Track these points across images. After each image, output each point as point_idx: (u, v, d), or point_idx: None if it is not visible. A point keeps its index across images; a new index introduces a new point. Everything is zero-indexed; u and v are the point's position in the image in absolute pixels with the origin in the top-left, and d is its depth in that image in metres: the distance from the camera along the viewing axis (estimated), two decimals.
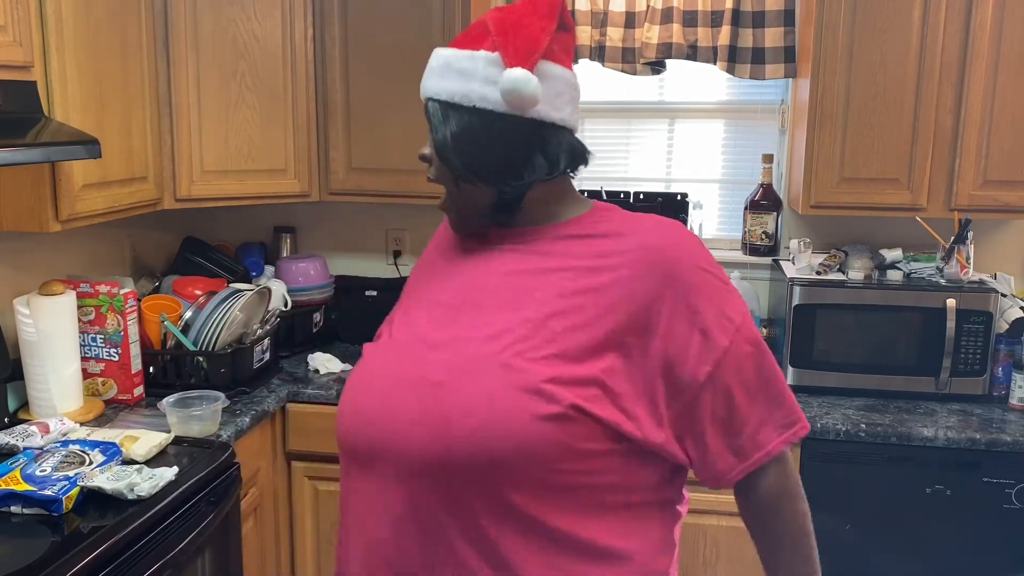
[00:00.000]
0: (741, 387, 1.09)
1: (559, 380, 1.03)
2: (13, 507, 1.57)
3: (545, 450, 1.02)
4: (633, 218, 1.16)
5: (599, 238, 1.13)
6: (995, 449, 2.15)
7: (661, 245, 1.10)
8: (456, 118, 1.12)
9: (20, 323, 1.98)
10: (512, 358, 1.04)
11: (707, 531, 2.31)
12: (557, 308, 1.07)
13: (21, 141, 1.61)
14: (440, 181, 1.17)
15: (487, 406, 1.02)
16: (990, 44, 2.25)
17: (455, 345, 1.09)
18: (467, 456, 1.03)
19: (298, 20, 2.47)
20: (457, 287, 1.17)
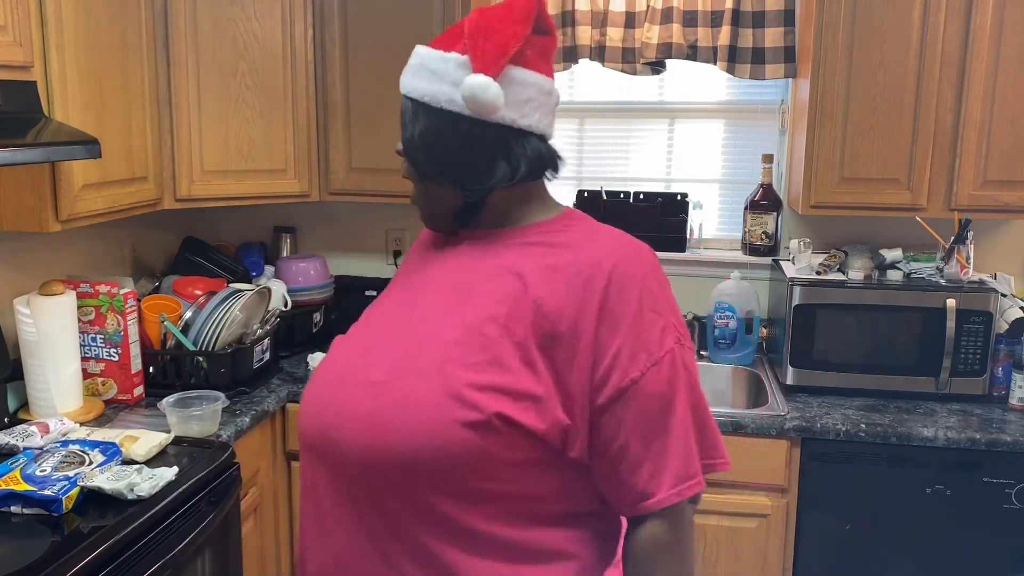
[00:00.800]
0: (639, 426, 1.05)
1: (487, 387, 1.03)
2: (13, 507, 1.57)
3: (466, 456, 1.02)
4: (592, 231, 1.16)
5: (555, 248, 1.12)
6: (995, 449, 2.15)
7: (607, 265, 1.07)
8: (424, 118, 1.13)
9: (20, 323, 1.98)
10: (445, 363, 1.05)
11: (707, 531, 2.31)
12: (495, 313, 1.07)
13: (21, 141, 1.61)
14: (410, 178, 1.19)
15: (414, 408, 1.03)
16: (990, 44, 2.25)
17: (400, 344, 1.11)
18: (391, 456, 1.04)
19: (298, 20, 2.47)
20: (415, 285, 1.20)
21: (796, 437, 2.24)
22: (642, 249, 1.13)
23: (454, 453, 1.02)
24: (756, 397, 2.57)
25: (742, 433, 2.25)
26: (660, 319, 1.07)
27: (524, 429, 1.03)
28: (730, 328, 2.65)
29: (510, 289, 1.09)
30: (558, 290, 1.07)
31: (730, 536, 2.31)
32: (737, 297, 2.64)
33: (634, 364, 1.04)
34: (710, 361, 2.71)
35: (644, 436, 1.05)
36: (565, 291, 1.06)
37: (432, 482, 1.04)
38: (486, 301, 1.09)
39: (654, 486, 1.06)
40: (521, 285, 1.08)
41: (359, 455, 1.07)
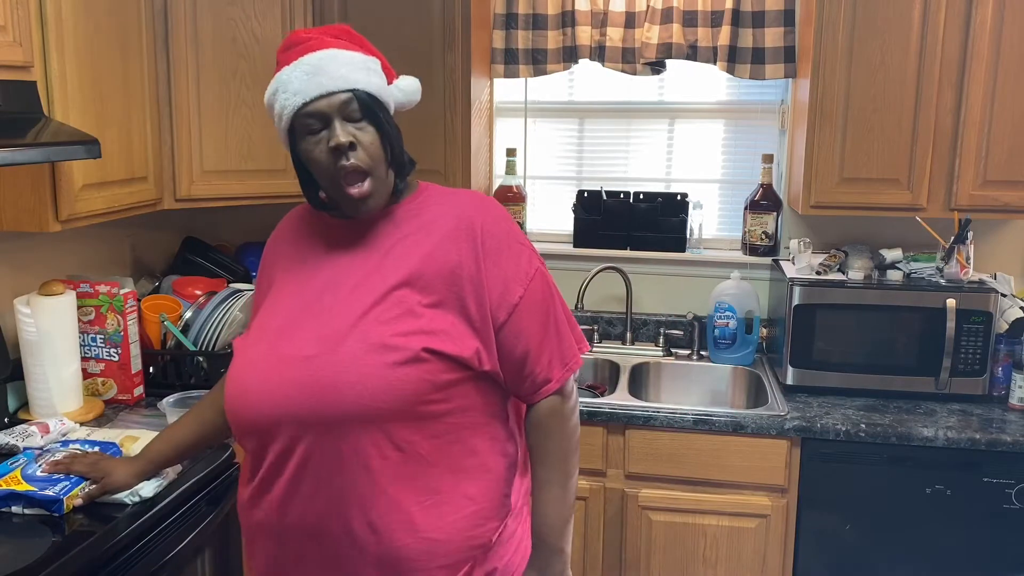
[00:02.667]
0: (533, 328, 1.34)
1: (407, 332, 1.26)
2: (14, 507, 1.57)
3: (412, 388, 1.25)
4: (450, 193, 1.41)
5: (427, 215, 1.36)
6: (995, 449, 2.15)
7: (471, 215, 1.34)
8: (382, 110, 1.33)
9: (20, 323, 1.98)
10: (367, 324, 1.27)
11: (707, 531, 2.31)
12: (399, 278, 1.30)
13: (21, 141, 1.61)
14: (371, 168, 1.31)
15: (352, 367, 1.24)
16: (990, 44, 2.25)
17: (321, 322, 1.30)
18: (346, 412, 1.24)
19: (298, 20, 2.47)
20: (311, 269, 1.38)
21: (796, 437, 2.24)
22: (490, 199, 1.42)
23: (396, 389, 1.24)
24: (756, 397, 2.57)
25: (742, 433, 2.25)
26: (520, 245, 1.36)
27: (446, 355, 1.27)
28: (730, 328, 2.65)
29: (405, 256, 1.32)
30: (444, 244, 1.31)
31: (730, 536, 2.31)
32: (737, 297, 2.64)
33: (517, 285, 1.33)
34: (710, 361, 2.71)
35: (537, 337, 1.35)
36: (449, 243, 1.31)
37: (386, 417, 1.24)
38: (389, 269, 1.31)
39: (551, 372, 1.36)
40: (413, 250, 1.32)
41: (315, 418, 1.25)
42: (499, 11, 2.75)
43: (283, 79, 1.32)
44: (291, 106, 1.30)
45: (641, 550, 2.36)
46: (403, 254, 1.32)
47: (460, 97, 2.50)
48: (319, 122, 1.30)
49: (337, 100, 1.29)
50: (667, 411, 2.30)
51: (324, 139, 1.30)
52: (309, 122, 1.30)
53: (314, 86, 1.29)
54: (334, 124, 1.29)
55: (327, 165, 1.30)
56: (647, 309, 2.89)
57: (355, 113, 1.30)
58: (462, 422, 1.32)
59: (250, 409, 1.31)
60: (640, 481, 2.34)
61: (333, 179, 1.31)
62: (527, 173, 2.98)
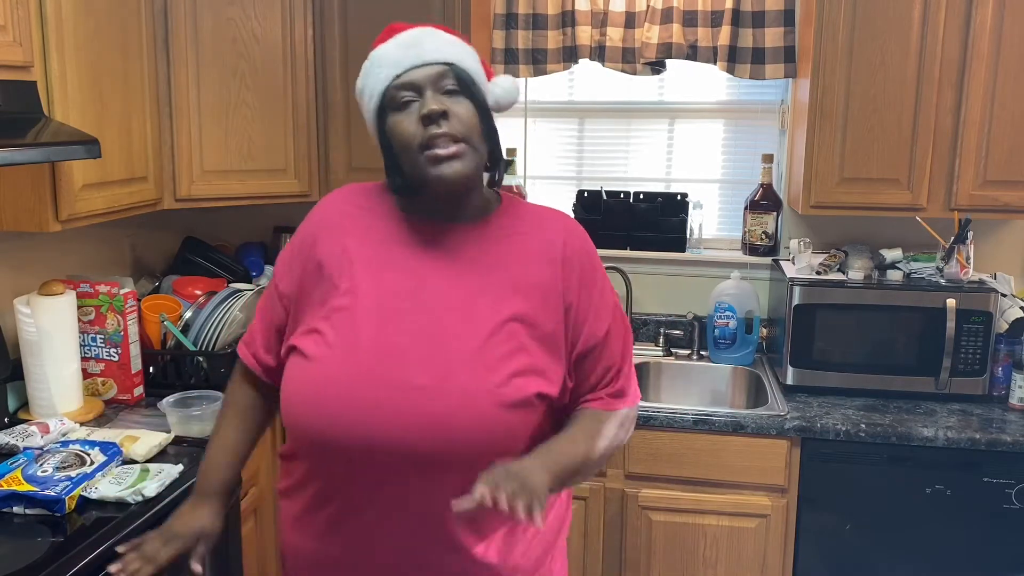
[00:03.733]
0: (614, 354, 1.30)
1: (521, 372, 1.19)
2: (15, 507, 1.57)
3: (520, 432, 1.19)
4: (539, 213, 1.34)
5: (523, 235, 1.29)
6: (995, 449, 2.15)
7: (568, 241, 1.29)
8: (476, 87, 1.25)
9: (20, 323, 1.98)
10: (484, 358, 1.18)
11: (707, 531, 2.31)
12: (512, 310, 1.22)
13: (21, 141, 1.61)
14: (465, 136, 1.21)
15: (469, 404, 1.16)
16: (990, 44, 2.25)
17: (430, 347, 1.20)
18: (460, 450, 1.16)
19: (298, 20, 2.47)
20: (413, 282, 1.25)
21: (796, 437, 2.24)
22: (576, 222, 1.35)
23: (509, 433, 1.18)
24: (756, 397, 2.57)
25: (742, 433, 2.25)
26: (606, 277, 1.33)
27: (550, 398, 1.22)
28: (730, 328, 2.65)
29: (510, 280, 1.24)
30: (546, 270, 1.25)
31: (730, 536, 2.31)
32: (737, 297, 2.64)
33: (606, 314, 1.28)
34: (710, 361, 2.71)
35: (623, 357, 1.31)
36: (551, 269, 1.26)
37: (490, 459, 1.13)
38: (495, 291, 1.23)
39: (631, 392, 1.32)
40: (518, 274, 1.24)
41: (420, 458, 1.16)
42: (499, 11, 2.75)
43: (377, 54, 1.26)
44: (384, 78, 1.23)
45: (641, 550, 2.36)
46: (511, 276, 1.24)
47: None
48: (412, 93, 1.21)
49: (432, 71, 1.22)
50: (667, 411, 2.30)
51: (415, 110, 1.21)
52: (401, 94, 1.22)
53: (410, 56, 1.22)
54: (426, 94, 1.21)
55: (414, 134, 1.20)
56: (647, 309, 2.89)
57: (450, 85, 1.22)
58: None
59: (341, 430, 1.18)
60: (640, 481, 2.34)
61: (420, 147, 1.20)
62: (527, 173, 2.98)
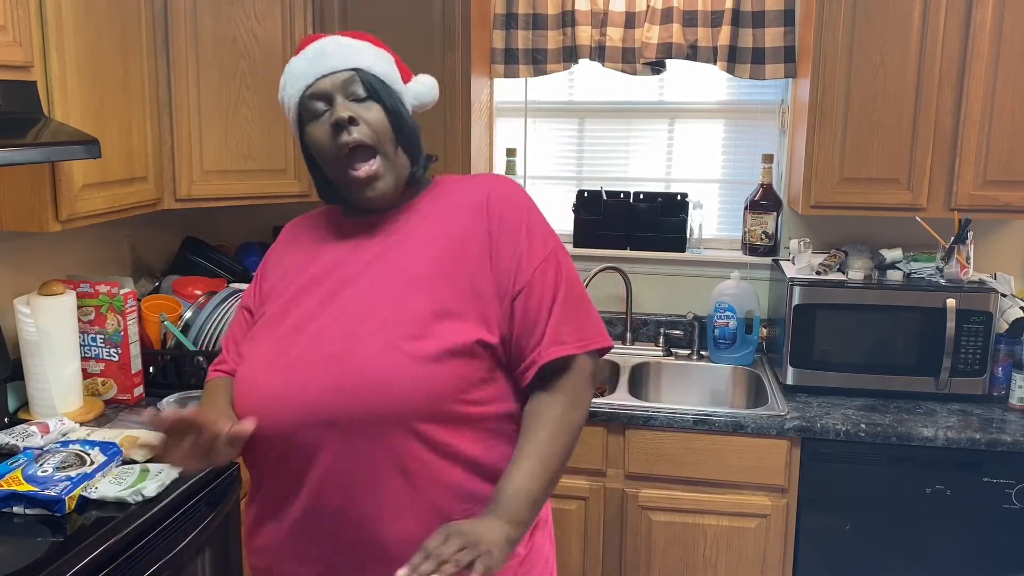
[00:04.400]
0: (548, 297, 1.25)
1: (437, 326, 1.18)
2: (15, 507, 1.57)
3: (445, 384, 1.17)
4: (463, 180, 1.37)
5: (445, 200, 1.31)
6: (995, 449, 2.15)
7: (488, 193, 1.29)
8: (386, 90, 1.29)
9: (20, 323, 1.98)
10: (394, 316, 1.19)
11: (707, 531, 2.31)
12: (425, 270, 1.23)
13: (21, 141, 1.61)
14: (376, 143, 1.26)
15: (383, 363, 1.16)
16: (990, 44, 2.25)
17: (342, 317, 1.22)
18: (381, 408, 1.15)
19: (298, 20, 2.47)
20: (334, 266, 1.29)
21: (796, 437, 2.24)
22: (505, 178, 1.37)
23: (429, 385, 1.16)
24: (756, 397, 2.57)
25: (742, 433, 2.25)
26: (540, 220, 1.31)
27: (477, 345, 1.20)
28: (730, 328, 2.65)
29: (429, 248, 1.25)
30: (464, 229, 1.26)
31: (730, 536, 2.31)
32: (737, 297, 2.64)
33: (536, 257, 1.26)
34: (710, 361, 2.71)
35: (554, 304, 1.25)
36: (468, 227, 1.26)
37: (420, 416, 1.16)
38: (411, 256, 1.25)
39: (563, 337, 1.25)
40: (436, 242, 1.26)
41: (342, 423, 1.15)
42: (499, 11, 2.75)
43: (289, 68, 1.31)
44: (297, 91, 1.28)
45: (641, 550, 2.36)
46: (427, 241, 1.26)
47: (460, 97, 2.49)
48: (322, 102, 1.26)
49: (339, 79, 1.26)
50: (667, 411, 2.30)
51: (327, 119, 1.25)
52: (313, 104, 1.26)
53: (316, 67, 1.26)
54: (336, 101, 1.25)
55: (330, 144, 1.24)
56: (647, 309, 2.89)
57: (359, 90, 1.26)
58: (490, 426, 1.23)
59: (268, 417, 1.19)
60: (640, 481, 2.34)
61: (337, 159, 1.25)
62: (527, 173, 2.98)
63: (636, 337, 2.87)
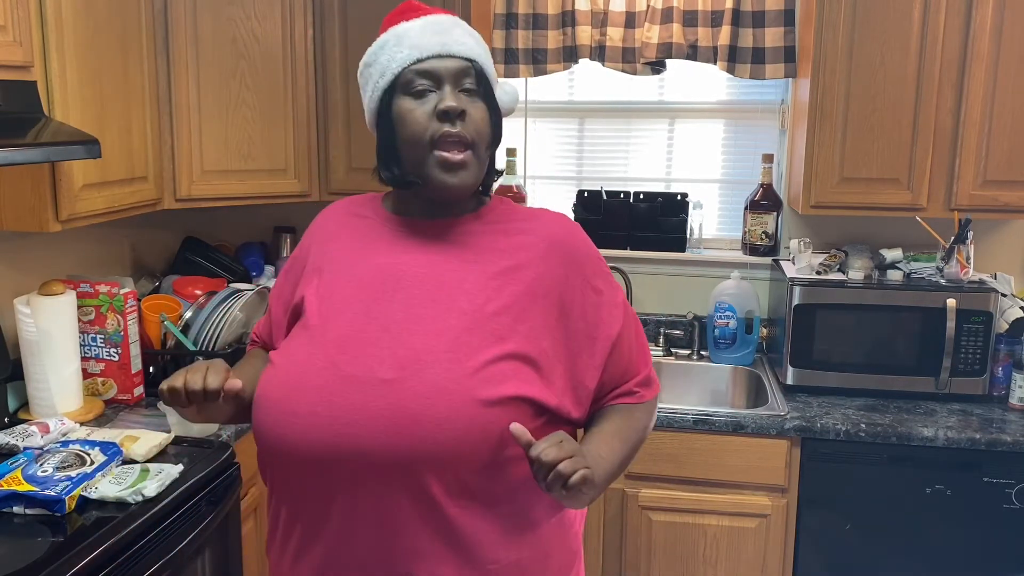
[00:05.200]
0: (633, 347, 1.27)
1: (500, 365, 1.10)
2: (15, 507, 1.57)
3: (496, 432, 1.08)
4: (531, 211, 1.29)
5: (513, 230, 1.23)
6: (995, 449, 2.15)
7: (565, 237, 1.23)
8: (492, 90, 1.23)
9: (20, 323, 1.98)
10: (461, 350, 1.10)
11: (707, 531, 2.31)
12: (486, 297, 1.15)
13: (21, 141, 1.61)
14: (475, 143, 1.19)
15: (442, 399, 1.07)
16: (990, 44, 2.25)
17: (399, 340, 1.12)
18: (431, 448, 1.06)
19: (298, 20, 2.47)
20: (389, 276, 1.19)
21: (796, 437, 2.24)
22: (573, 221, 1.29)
23: (486, 431, 1.08)
24: (756, 397, 2.57)
25: (742, 433, 2.25)
26: (610, 274, 1.28)
27: (535, 400, 1.12)
28: (730, 328, 2.65)
29: (491, 272, 1.17)
30: (533, 264, 1.19)
31: (730, 536, 2.31)
32: (737, 297, 2.64)
33: (617, 311, 1.24)
34: (710, 361, 2.71)
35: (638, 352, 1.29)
36: (539, 264, 1.19)
37: (467, 460, 1.08)
38: (473, 286, 1.16)
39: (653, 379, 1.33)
40: (500, 266, 1.18)
41: (389, 455, 1.07)
42: (499, 11, 2.75)
43: (399, 31, 1.19)
44: (403, 58, 1.17)
45: (641, 550, 2.36)
46: (496, 273, 1.17)
47: None
48: (430, 83, 1.17)
49: (455, 65, 1.17)
50: (667, 411, 2.30)
51: (431, 101, 1.16)
52: (418, 81, 1.17)
53: (436, 43, 1.17)
54: (445, 88, 1.17)
55: (426, 127, 1.15)
56: (647, 309, 2.89)
57: (470, 84, 1.19)
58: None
59: (300, 435, 1.09)
60: (640, 481, 2.34)
61: (429, 144, 1.16)
62: (527, 173, 2.98)
63: None
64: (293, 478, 1.14)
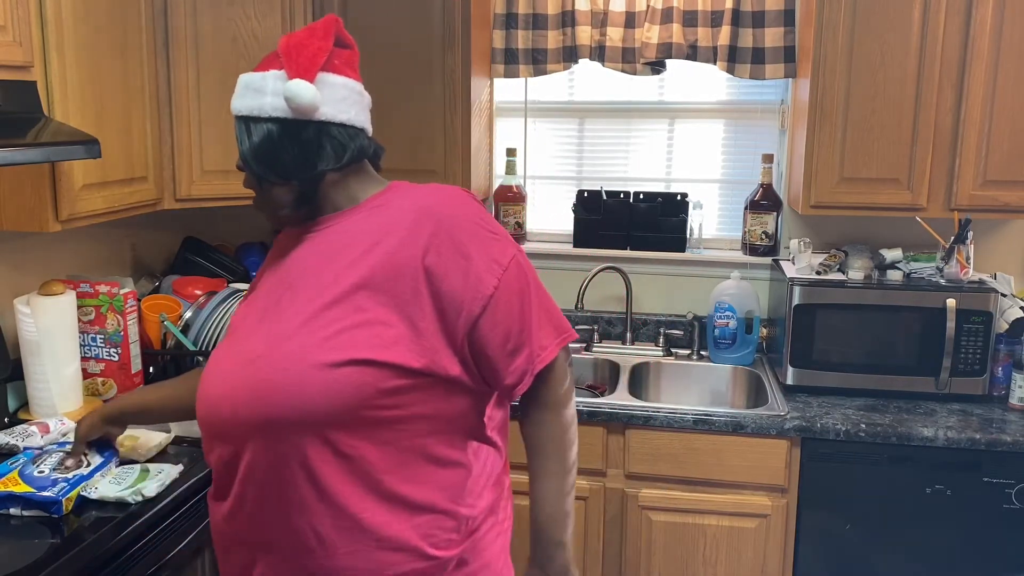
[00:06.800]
0: (512, 318, 1.28)
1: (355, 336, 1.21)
2: (12, 509, 1.57)
3: (352, 392, 1.20)
4: (415, 187, 1.35)
5: (385, 209, 1.32)
6: (995, 449, 2.15)
7: (434, 207, 1.29)
8: (255, 129, 1.31)
9: (20, 323, 1.98)
10: (316, 325, 1.23)
11: (707, 531, 2.31)
12: (354, 280, 1.25)
13: (21, 141, 1.61)
14: (251, 187, 1.36)
15: (292, 366, 1.21)
16: (990, 44, 2.25)
17: (271, 324, 1.28)
18: (289, 412, 1.20)
19: (298, 20, 2.46)
20: (277, 277, 1.36)
21: (796, 437, 2.24)
22: (458, 189, 1.36)
23: (335, 392, 1.19)
24: (756, 397, 2.57)
25: (742, 433, 2.25)
26: (495, 237, 1.30)
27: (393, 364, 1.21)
28: (730, 328, 2.65)
29: (361, 253, 1.27)
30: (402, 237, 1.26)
31: (730, 536, 2.31)
32: (737, 297, 2.64)
33: (489, 276, 1.26)
34: (710, 361, 2.71)
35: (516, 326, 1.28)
36: (407, 236, 1.26)
37: (326, 421, 1.20)
38: (340, 267, 1.27)
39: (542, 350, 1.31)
40: (371, 246, 1.27)
41: (257, 425, 1.22)
42: (499, 11, 2.75)
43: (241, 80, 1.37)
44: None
45: (641, 550, 2.36)
46: (362, 252, 1.27)
47: (460, 97, 2.50)
48: None
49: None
50: (667, 411, 2.30)
51: None
52: None
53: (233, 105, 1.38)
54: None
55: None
56: (647, 309, 2.89)
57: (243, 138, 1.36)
58: (418, 428, 1.26)
59: (204, 414, 1.31)
60: (640, 481, 2.34)
61: None
62: (527, 173, 2.98)
63: (636, 337, 2.87)
64: (208, 447, 1.33)
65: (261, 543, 1.28)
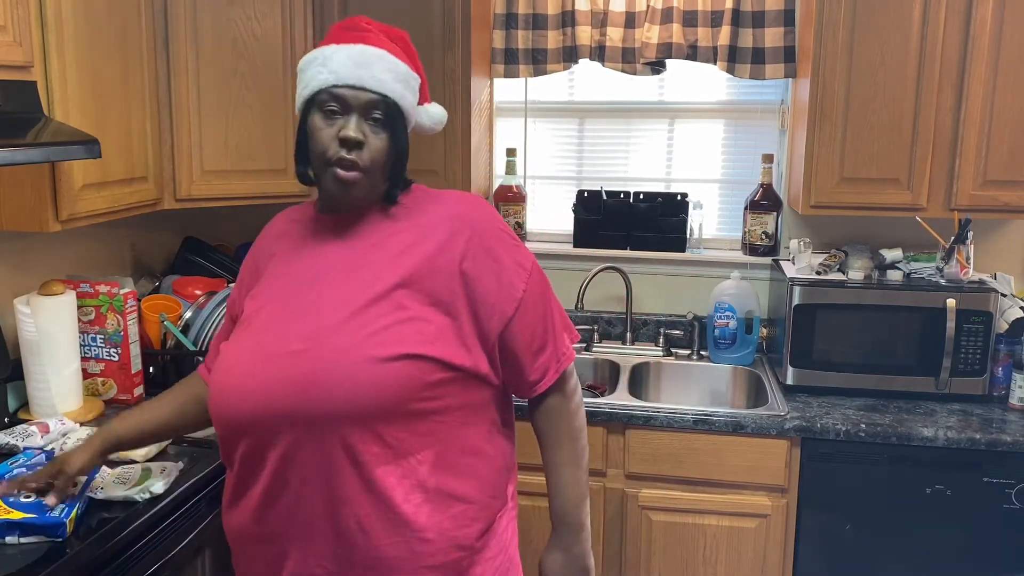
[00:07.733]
0: (536, 322, 1.37)
1: (401, 332, 1.25)
2: (8, 538, 1.44)
3: (401, 385, 1.24)
4: (441, 193, 1.42)
5: (421, 213, 1.36)
6: (995, 449, 2.15)
7: (466, 213, 1.35)
8: (400, 122, 1.34)
9: (20, 323, 1.98)
10: (361, 320, 1.26)
11: (707, 531, 2.31)
12: (397, 278, 1.29)
13: (21, 141, 1.61)
14: (367, 169, 1.31)
15: (341, 360, 1.23)
16: (990, 44, 2.25)
17: (310, 317, 1.29)
18: (340, 406, 1.22)
19: (298, 20, 2.47)
20: (299, 268, 1.36)
21: (796, 437, 2.24)
22: (480, 198, 1.44)
23: (386, 386, 1.23)
24: (756, 397, 2.57)
25: (742, 433, 2.25)
26: (518, 244, 1.39)
27: (437, 358, 1.26)
28: (730, 328, 2.65)
29: (397, 251, 1.31)
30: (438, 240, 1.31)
31: (730, 536, 2.31)
32: (737, 297, 2.64)
33: (519, 280, 1.35)
34: (710, 361, 2.71)
35: (539, 330, 1.38)
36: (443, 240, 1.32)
37: (375, 414, 1.23)
38: (384, 264, 1.30)
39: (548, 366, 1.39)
40: (406, 246, 1.31)
41: (301, 418, 1.23)
42: (499, 11, 2.75)
43: (328, 53, 1.32)
44: (322, 80, 1.30)
45: (641, 550, 2.36)
46: (400, 252, 1.32)
47: (460, 97, 2.50)
48: (340, 107, 1.31)
49: (366, 97, 1.30)
50: (667, 411, 2.30)
51: (337, 125, 1.30)
52: (331, 103, 1.31)
53: (352, 75, 1.30)
54: (352, 117, 1.30)
55: (327, 148, 1.30)
56: (647, 309, 2.89)
57: (379, 115, 1.31)
58: (452, 420, 1.31)
59: (233, 408, 1.29)
60: (640, 481, 2.34)
61: (326, 160, 1.31)
62: (527, 173, 2.98)
63: (636, 337, 2.87)
64: (233, 444, 1.31)
65: (299, 536, 1.28)
